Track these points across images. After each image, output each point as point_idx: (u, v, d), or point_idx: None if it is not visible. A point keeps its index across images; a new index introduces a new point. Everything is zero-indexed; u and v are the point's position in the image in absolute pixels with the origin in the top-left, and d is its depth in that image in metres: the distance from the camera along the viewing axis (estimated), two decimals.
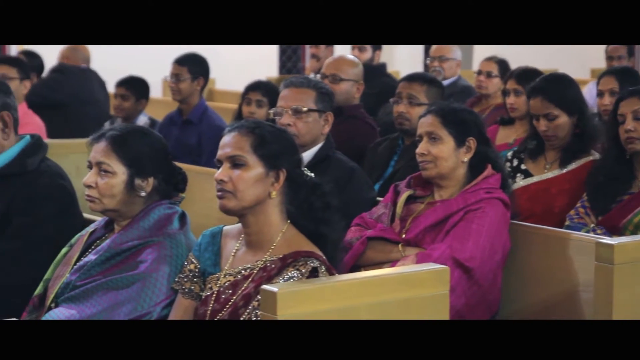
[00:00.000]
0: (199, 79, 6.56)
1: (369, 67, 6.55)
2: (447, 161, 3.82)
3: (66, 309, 3.32)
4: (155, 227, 3.37)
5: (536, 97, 4.63)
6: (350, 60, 5.74)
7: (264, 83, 6.43)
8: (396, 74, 8.94)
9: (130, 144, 3.41)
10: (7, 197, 3.74)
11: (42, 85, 7.50)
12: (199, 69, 6.59)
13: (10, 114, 3.85)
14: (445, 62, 7.58)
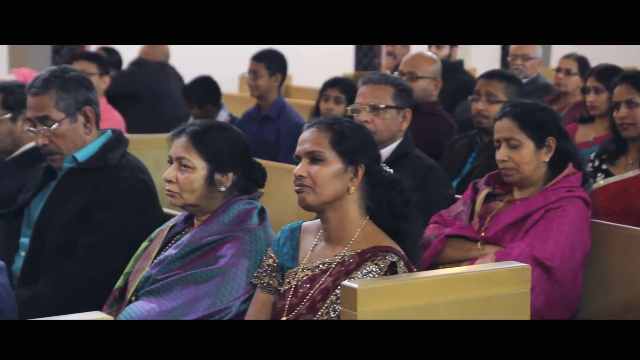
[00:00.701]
0: (277, 74, 6.58)
1: (446, 64, 6.52)
2: (528, 165, 3.79)
3: (146, 303, 3.35)
4: (234, 222, 3.38)
5: (623, 84, 4.60)
6: (428, 57, 5.72)
7: (342, 79, 6.43)
8: (473, 71, 8.88)
9: (210, 140, 3.42)
10: (88, 191, 3.79)
11: (121, 76, 7.61)
12: (276, 65, 6.61)
13: (92, 109, 3.90)
14: (528, 60, 7.52)
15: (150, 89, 7.65)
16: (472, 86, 5.31)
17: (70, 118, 3.85)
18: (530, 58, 7.53)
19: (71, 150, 3.87)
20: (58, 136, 3.85)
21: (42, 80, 3.85)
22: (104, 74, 6.52)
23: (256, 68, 6.59)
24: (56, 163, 3.91)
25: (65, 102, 3.84)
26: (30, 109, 3.88)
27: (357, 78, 7.08)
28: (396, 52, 8.41)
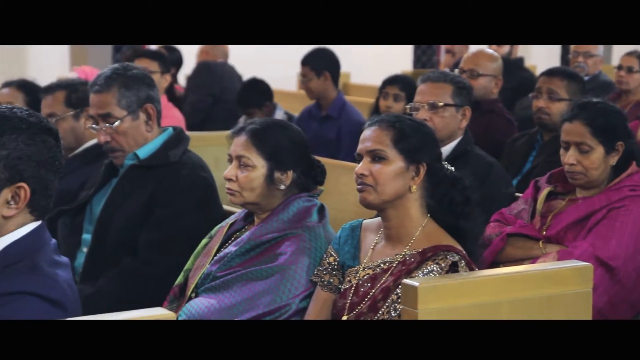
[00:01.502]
0: (324, 73, 6.57)
1: (506, 61, 6.47)
2: (597, 170, 3.74)
3: (206, 299, 3.37)
4: (294, 220, 3.39)
5: None
6: (489, 54, 5.68)
7: (402, 77, 6.41)
8: (533, 69, 8.82)
9: (270, 138, 3.43)
10: (149, 188, 3.82)
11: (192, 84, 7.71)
12: (321, 64, 6.60)
13: (153, 107, 3.93)
14: (590, 58, 7.44)
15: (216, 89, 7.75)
16: (532, 84, 5.28)
17: (132, 115, 3.88)
18: (592, 55, 7.45)
19: (133, 148, 3.90)
20: (120, 133, 3.88)
21: (104, 78, 3.89)
22: (165, 72, 6.57)
23: (304, 72, 6.62)
24: (118, 160, 3.94)
25: (127, 100, 3.87)
26: (92, 107, 3.92)
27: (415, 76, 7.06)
28: (455, 50, 8.39)
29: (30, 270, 2.53)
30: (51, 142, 2.61)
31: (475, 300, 2.78)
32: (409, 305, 2.71)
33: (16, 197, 2.56)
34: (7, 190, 2.55)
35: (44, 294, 2.49)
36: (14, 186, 2.55)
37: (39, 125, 2.60)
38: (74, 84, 4.59)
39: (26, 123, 2.57)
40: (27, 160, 2.55)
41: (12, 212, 2.57)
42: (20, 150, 2.54)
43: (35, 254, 2.58)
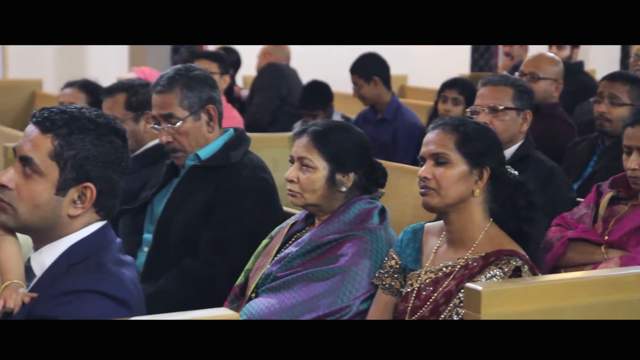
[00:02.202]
0: (374, 78, 6.56)
1: (566, 65, 6.42)
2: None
3: (266, 299, 3.38)
4: (355, 222, 3.39)
5: None
6: (550, 58, 5.64)
7: (461, 80, 6.39)
8: (592, 73, 8.75)
9: (332, 140, 3.43)
10: (211, 189, 3.83)
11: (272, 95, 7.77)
12: (369, 70, 6.59)
13: (215, 108, 3.94)
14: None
15: (282, 95, 7.79)
16: (592, 88, 5.24)
17: (193, 116, 3.90)
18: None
19: (194, 148, 3.92)
20: (181, 134, 3.90)
21: (167, 79, 3.91)
22: (224, 73, 6.59)
23: (354, 80, 6.63)
24: (179, 160, 3.96)
25: (189, 101, 3.89)
26: (154, 107, 3.94)
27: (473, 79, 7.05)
28: (514, 53, 8.33)
29: (96, 269, 2.56)
30: (118, 142, 2.64)
31: (539, 306, 2.76)
32: (471, 310, 2.69)
33: (82, 196, 2.60)
34: (74, 190, 2.59)
35: (110, 292, 2.52)
36: (80, 186, 2.59)
37: (106, 126, 2.63)
38: (135, 86, 4.61)
39: (94, 124, 2.61)
40: (94, 160, 2.58)
41: (78, 212, 2.60)
42: (87, 151, 2.58)
43: (101, 253, 2.61)
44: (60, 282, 2.54)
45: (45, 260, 2.61)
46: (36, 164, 2.57)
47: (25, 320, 2.48)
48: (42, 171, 2.57)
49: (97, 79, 5.83)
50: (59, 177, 2.57)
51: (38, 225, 2.60)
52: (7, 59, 10.69)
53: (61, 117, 2.59)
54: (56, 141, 2.57)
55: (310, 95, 7.10)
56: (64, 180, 2.57)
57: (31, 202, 2.57)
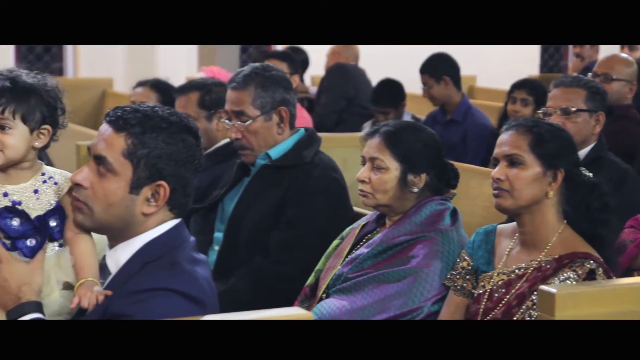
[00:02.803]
0: (444, 78, 6.53)
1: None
2: None
3: (337, 300, 3.38)
4: (427, 223, 3.38)
5: None
6: (624, 59, 5.57)
7: (530, 81, 6.34)
8: None
9: (404, 140, 3.43)
10: (281, 188, 3.83)
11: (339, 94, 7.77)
12: (439, 70, 6.56)
13: (287, 110, 3.94)
14: None
15: (349, 95, 7.80)
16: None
17: (264, 116, 3.90)
18: None
19: (262, 148, 3.92)
20: (250, 132, 3.91)
21: (243, 76, 3.92)
22: (293, 73, 6.61)
23: (424, 80, 6.60)
24: (246, 158, 3.98)
25: (262, 100, 3.89)
26: (228, 102, 3.95)
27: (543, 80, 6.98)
28: (584, 54, 8.24)
29: (170, 267, 2.58)
30: (191, 141, 2.65)
31: (613, 309, 2.72)
32: (545, 312, 2.67)
33: (156, 195, 2.61)
34: (147, 188, 2.60)
35: (184, 290, 2.53)
36: (153, 184, 2.60)
37: (179, 124, 2.64)
38: (208, 85, 4.64)
39: (167, 122, 2.62)
40: (167, 159, 2.60)
41: (151, 210, 2.62)
42: (160, 149, 2.59)
43: (175, 251, 2.63)
44: (135, 280, 2.56)
45: (120, 258, 2.64)
46: (110, 162, 2.59)
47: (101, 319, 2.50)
48: (116, 170, 2.59)
49: (168, 78, 5.87)
50: (133, 176, 2.59)
51: (113, 224, 2.63)
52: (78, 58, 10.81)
53: (134, 115, 2.61)
54: (129, 140, 2.59)
55: (382, 93, 7.08)
56: (138, 179, 2.59)
57: (105, 200, 2.60)
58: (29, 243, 2.66)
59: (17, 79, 2.72)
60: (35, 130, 2.72)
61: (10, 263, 2.62)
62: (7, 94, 2.68)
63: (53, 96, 2.76)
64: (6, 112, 2.67)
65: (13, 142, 2.68)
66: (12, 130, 2.68)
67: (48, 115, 2.74)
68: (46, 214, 2.70)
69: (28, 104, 2.69)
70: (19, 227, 2.66)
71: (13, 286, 2.60)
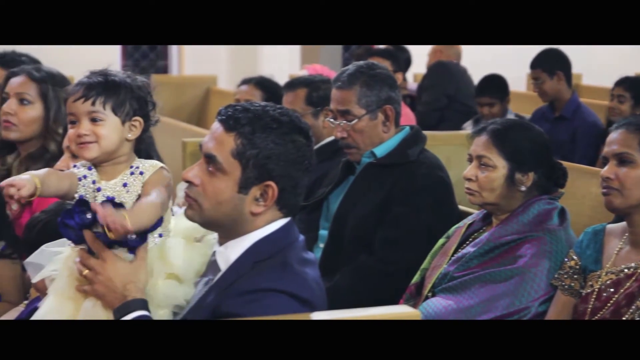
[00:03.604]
0: (557, 73, 6.46)
1: None
2: None
3: (443, 299, 3.36)
4: (534, 222, 3.34)
5: None
6: None
7: (631, 78, 6.26)
8: None
9: (512, 138, 3.39)
10: (386, 186, 3.82)
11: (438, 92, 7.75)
12: (553, 64, 6.49)
13: (392, 108, 3.93)
14: None
15: (450, 93, 7.76)
16: None
17: (370, 115, 3.90)
18: None
19: (367, 146, 3.92)
20: (356, 131, 3.90)
21: (348, 75, 3.92)
22: (397, 71, 6.59)
23: (536, 75, 6.53)
24: (352, 156, 3.98)
25: (368, 99, 3.89)
26: (333, 101, 3.96)
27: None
28: None
29: (280, 268, 2.58)
30: (301, 141, 2.64)
31: None
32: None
33: (264, 194, 2.61)
34: (256, 188, 2.61)
35: (294, 292, 2.53)
36: (262, 184, 2.60)
37: (290, 124, 2.64)
38: (316, 82, 4.65)
39: (277, 122, 2.62)
40: (276, 159, 2.60)
41: (260, 209, 2.62)
42: (269, 150, 2.59)
43: (285, 250, 2.63)
44: (245, 279, 2.57)
45: (230, 256, 2.65)
46: (219, 162, 2.60)
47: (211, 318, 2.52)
48: (225, 169, 2.60)
49: (272, 75, 5.91)
50: (241, 176, 2.60)
51: (222, 221, 2.65)
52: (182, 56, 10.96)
53: (245, 115, 2.62)
54: (239, 140, 2.59)
55: (488, 84, 7.02)
56: (246, 179, 2.60)
57: (215, 198, 2.62)
58: (130, 237, 2.69)
59: (107, 74, 2.77)
60: (126, 122, 2.75)
61: (114, 263, 2.65)
62: (98, 87, 2.73)
63: (143, 90, 2.80)
64: (97, 103, 2.71)
65: (105, 132, 2.72)
66: (104, 122, 2.72)
67: (138, 107, 2.77)
68: None
69: (118, 96, 2.73)
70: None
71: (118, 285, 2.63)
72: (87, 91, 2.72)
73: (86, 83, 2.74)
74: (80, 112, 2.72)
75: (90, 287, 2.66)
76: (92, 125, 2.72)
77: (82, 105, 2.71)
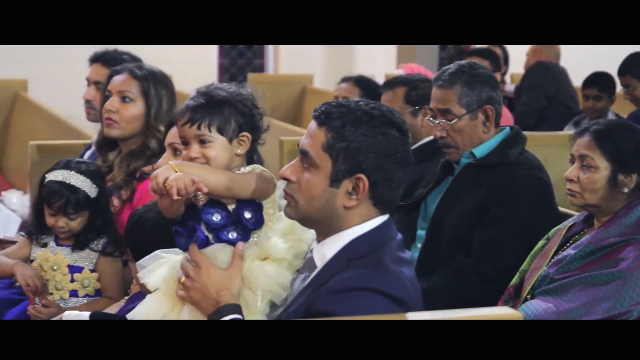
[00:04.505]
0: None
1: None
2: None
3: (543, 302, 3.32)
4: (637, 225, 3.28)
5: None
6: None
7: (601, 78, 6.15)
8: None
9: (615, 139, 3.34)
10: (485, 187, 3.79)
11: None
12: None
13: (493, 108, 3.89)
14: None
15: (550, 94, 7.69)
16: None
17: (470, 115, 3.87)
18: None
19: (467, 146, 3.89)
20: (456, 131, 3.88)
21: (449, 74, 3.90)
22: (496, 71, 6.54)
23: (625, 82, 6.41)
24: (451, 156, 3.95)
25: (468, 99, 3.86)
26: (433, 100, 3.94)
27: None
28: None
29: (375, 267, 2.58)
30: (393, 134, 2.64)
31: None
32: None
33: (356, 187, 2.62)
34: (348, 182, 2.62)
35: (389, 291, 2.52)
36: (353, 177, 2.61)
37: (381, 118, 2.63)
38: (415, 81, 4.64)
39: (368, 115, 2.62)
40: (366, 151, 2.60)
41: (352, 203, 2.63)
42: (359, 142, 2.60)
43: (381, 249, 2.62)
44: (340, 277, 2.57)
45: (327, 253, 2.66)
46: (311, 156, 2.63)
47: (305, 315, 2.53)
48: (317, 163, 2.62)
49: (373, 75, 5.92)
50: (332, 169, 2.62)
51: (316, 217, 2.66)
52: (279, 55, 11.02)
53: (337, 110, 2.64)
54: (329, 134, 2.61)
55: (597, 78, 6.94)
56: (337, 172, 2.61)
57: (308, 193, 2.64)
58: (231, 235, 2.73)
59: (210, 94, 2.81)
60: (233, 139, 2.80)
61: (208, 270, 2.70)
62: (201, 110, 2.78)
63: (247, 104, 2.84)
64: (202, 126, 2.77)
65: (214, 154, 2.78)
66: (212, 144, 2.78)
67: (244, 122, 2.82)
68: (239, 207, 2.77)
69: (222, 116, 2.78)
70: (220, 221, 2.75)
71: (212, 292, 2.68)
72: (192, 114, 2.78)
73: (191, 106, 2.80)
74: (189, 136, 2.79)
75: (187, 294, 2.71)
76: (201, 147, 2.78)
77: (189, 130, 2.78)
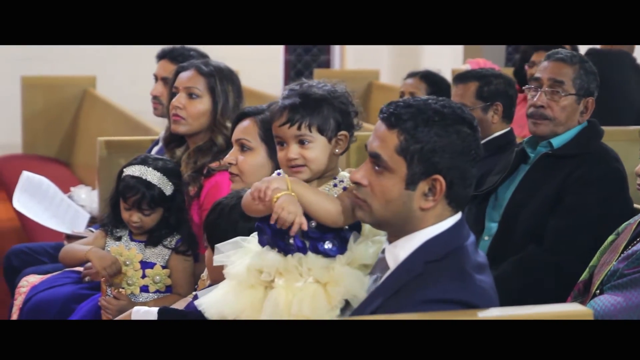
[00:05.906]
0: None
1: None
2: None
3: (612, 297, 3.29)
4: None
5: None
6: None
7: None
8: None
9: None
10: (561, 176, 3.82)
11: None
12: None
13: (594, 102, 3.96)
14: None
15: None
16: None
17: (577, 98, 3.92)
18: None
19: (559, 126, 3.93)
20: (559, 105, 3.92)
21: (570, 53, 3.98)
22: None
23: None
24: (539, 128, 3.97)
25: (581, 82, 3.93)
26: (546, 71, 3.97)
27: None
28: None
29: (460, 277, 2.55)
30: (466, 131, 2.61)
31: None
32: None
33: (433, 189, 2.59)
34: (424, 183, 2.59)
35: (475, 303, 2.51)
36: (429, 179, 2.58)
37: (452, 116, 2.61)
38: (488, 76, 4.61)
39: (439, 115, 2.59)
40: (441, 152, 2.57)
41: (429, 205, 2.60)
42: (433, 143, 2.57)
43: (459, 253, 2.60)
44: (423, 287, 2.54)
45: (400, 255, 2.64)
46: (384, 160, 2.60)
47: None
48: (391, 167, 2.59)
49: (439, 70, 5.90)
50: (407, 172, 2.59)
51: (392, 220, 2.64)
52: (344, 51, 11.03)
53: (407, 111, 2.60)
54: (402, 136, 2.58)
55: None
56: (412, 175, 2.58)
57: (383, 197, 2.61)
58: (327, 246, 2.73)
59: (307, 92, 2.79)
60: (332, 139, 2.80)
61: None
62: (300, 109, 2.77)
63: (344, 101, 2.83)
64: (302, 127, 2.76)
65: (315, 155, 2.78)
66: (312, 144, 2.78)
67: (342, 121, 2.81)
68: None
69: (322, 115, 2.77)
70: (316, 231, 2.74)
71: None
72: (291, 114, 2.78)
73: (289, 105, 2.79)
74: (288, 136, 2.78)
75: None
76: (301, 148, 2.78)
77: (288, 130, 2.78)
